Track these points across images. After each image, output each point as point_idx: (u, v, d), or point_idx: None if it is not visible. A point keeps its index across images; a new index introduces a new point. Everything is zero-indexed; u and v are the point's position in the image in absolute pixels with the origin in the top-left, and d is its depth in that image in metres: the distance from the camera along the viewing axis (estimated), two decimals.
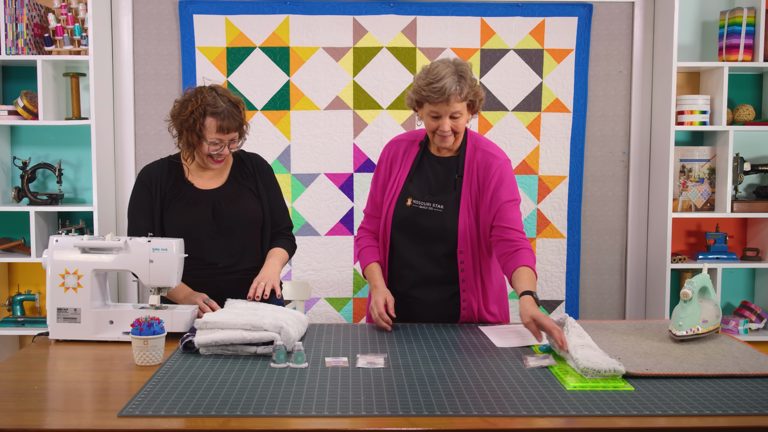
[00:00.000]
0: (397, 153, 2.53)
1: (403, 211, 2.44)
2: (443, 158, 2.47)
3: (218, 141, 2.38)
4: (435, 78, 2.28)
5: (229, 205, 2.47)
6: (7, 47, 3.44)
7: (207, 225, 2.44)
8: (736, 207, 3.64)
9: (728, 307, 3.88)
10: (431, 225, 2.40)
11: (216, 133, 2.36)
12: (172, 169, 2.51)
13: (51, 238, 2.18)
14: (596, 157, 3.83)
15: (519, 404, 1.62)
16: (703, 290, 2.20)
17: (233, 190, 2.51)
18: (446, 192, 2.43)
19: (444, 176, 2.45)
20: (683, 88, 3.83)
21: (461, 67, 2.31)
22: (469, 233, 2.39)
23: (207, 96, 2.37)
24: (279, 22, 3.71)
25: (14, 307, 3.67)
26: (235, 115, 2.38)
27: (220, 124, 2.35)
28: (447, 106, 2.29)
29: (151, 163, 2.57)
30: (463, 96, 2.29)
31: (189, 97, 2.39)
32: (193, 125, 2.36)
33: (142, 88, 3.74)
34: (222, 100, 2.37)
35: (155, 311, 2.16)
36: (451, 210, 2.40)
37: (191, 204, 2.45)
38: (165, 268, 2.15)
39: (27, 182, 3.58)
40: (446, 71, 2.28)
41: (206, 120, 2.35)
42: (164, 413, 1.55)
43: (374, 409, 1.59)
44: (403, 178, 2.48)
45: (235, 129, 2.40)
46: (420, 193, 2.44)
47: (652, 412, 1.58)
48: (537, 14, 3.73)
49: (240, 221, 2.48)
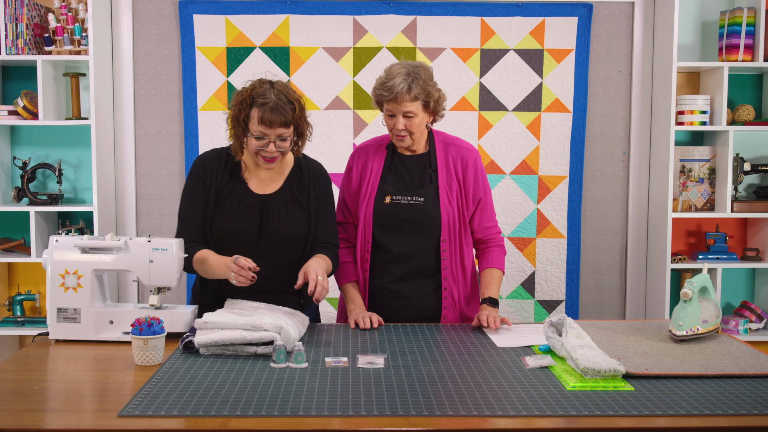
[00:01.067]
0: (366, 158, 2.56)
1: (383, 207, 2.47)
2: (414, 156, 2.53)
3: (262, 135, 2.23)
4: (387, 77, 2.39)
5: (277, 219, 2.33)
6: (7, 47, 3.44)
7: (251, 236, 2.32)
8: (736, 207, 3.64)
9: (728, 307, 3.88)
10: (414, 217, 2.45)
11: (259, 125, 2.22)
12: (229, 162, 2.38)
13: (51, 238, 2.18)
14: (596, 157, 3.83)
15: (519, 404, 1.62)
16: (703, 290, 2.20)
17: (284, 200, 2.37)
18: (423, 186, 2.48)
19: (418, 172, 2.51)
20: (683, 88, 3.83)
21: (416, 69, 2.38)
22: (450, 222, 2.46)
23: (259, 87, 2.25)
24: (279, 22, 3.71)
25: (14, 307, 3.67)
26: (284, 110, 2.22)
27: (262, 115, 2.20)
28: (398, 105, 2.38)
29: (207, 151, 2.44)
30: (412, 95, 2.36)
31: (242, 88, 2.29)
32: (239, 115, 2.24)
33: (142, 88, 3.74)
34: (274, 93, 2.23)
35: (155, 311, 2.16)
36: (432, 201, 2.46)
37: (241, 209, 2.33)
38: (165, 268, 2.15)
39: (27, 182, 3.58)
40: (399, 71, 2.37)
41: (252, 110, 2.23)
42: (164, 413, 1.55)
43: (374, 409, 1.59)
44: (376, 179, 2.51)
45: (280, 124, 2.22)
46: (397, 189, 2.49)
47: (652, 412, 1.58)
48: (537, 14, 3.73)
49: (284, 240, 2.35)
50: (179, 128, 3.76)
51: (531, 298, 3.84)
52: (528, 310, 3.83)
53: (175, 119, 3.76)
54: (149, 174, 3.78)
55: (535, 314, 3.84)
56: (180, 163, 3.77)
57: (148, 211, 3.79)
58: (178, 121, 3.76)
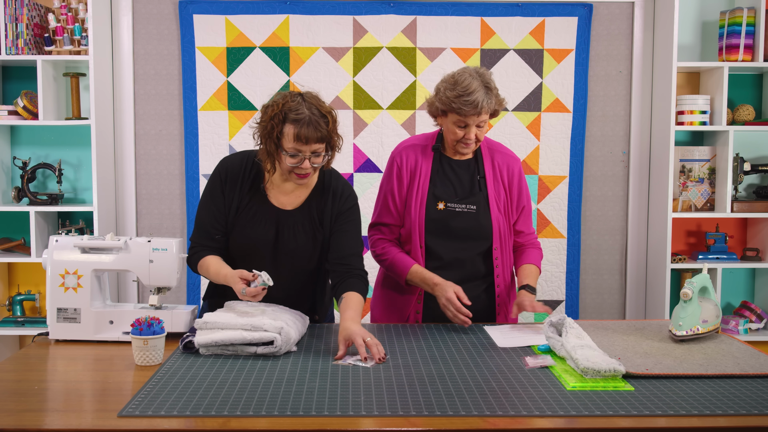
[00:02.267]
0: (416, 157, 2.49)
1: (435, 214, 2.44)
2: (462, 161, 2.50)
3: (296, 152, 2.13)
4: (465, 91, 2.29)
5: (290, 238, 2.26)
6: (7, 47, 3.44)
7: (266, 250, 2.27)
8: (736, 207, 3.64)
9: (728, 307, 3.88)
10: (467, 225, 2.44)
11: (294, 142, 2.11)
12: (253, 170, 2.28)
13: (51, 238, 2.18)
14: (596, 157, 3.83)
15: (519, 404, 1.62)
16: (703, 290, 2.20)
17: (301, 219, 2.28)
18: (473, 193, 2.46)
19: (467, 179, 2.48)
20: (683, 88, 3.83)
21: (486, 77, 2.35)
22: (501, 231, 2.47)
23: (290, 101, 2.13)
24: (279, 22, 3.71)
25: (14, 307, 3.67)
26: (319, 125, 2.12)
27: (298, 132, 2.10)
28: (477, 118, 2.33)
29: (233, 156, 2.33)
30: (491, 108, 2.35)
31: (273, 101, 2.17)
32: (271, 132, 2.13)
33: (142, 88, 3.74)
34: (306, 106, 2.13)
35: (155, 311, 2.16)
36: (483, 210, 2.45)
37: (258, 222, 2.26)
38: (165, 268, 2.15)
39: (27, 182, 3.58)
40: (476, 84, 2.30)
41: (285, 127, 2.12)
42: (164, 413, 1.55)
43: (374, 409, 1.59)
44: (425, 183, 2.46)
45: (316, 140, 2.12)
46: (448, 195, 2.45)
47: (652, 412, 1.58)
48: (537, 14, 3.73)
49: (296, 258, 2.28)
50: (179, 128, 3.76)
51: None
52: None
53: (175, 119, 3.76)
54: (149, 174, 3.78)
55: (535, 314, 3.83)
56: (180, 163, 3.77)
57: (148, 211, 3.79)
58: (178, 121, 3.76)
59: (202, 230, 2.30)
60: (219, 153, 3.73)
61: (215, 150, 3.74)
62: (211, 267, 2.23)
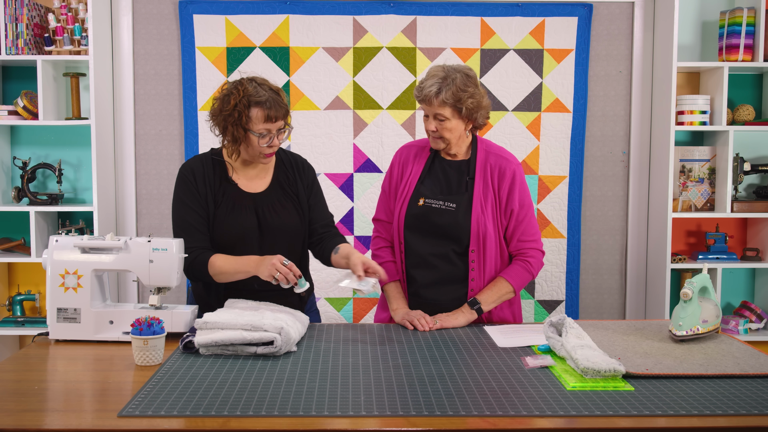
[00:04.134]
0: (408, 157, 2.56)
1: (416, 209, 2.46)
2: (455, 162, 2.50)
3: (266, 132, 2.26)
4: (424, 78, 2.40)
5: (273, 215, 2.37)
6: (7, 47, 3.44)
7: (252, 235, 2.35)
8: (736, 207, 3.64)
9: (728, 307, 3.88)
10: (444, 222, 2.42)
11: (264, 123, 2.25)
12: (215, 167, 2.39)
13: (51, 238, 2.18)
14: (596, 157, 3.83)
15: (519, 404, 1.62)
16: (703, 290, 2.20)
17: (276, 196, 2.40)
18: (458, 193, 2.46)
19: (456, 178, 2.48)
20: (683, 88, 3.83)
21: (453, 73, 2.36)
22: (481, 232, 2.42)
23: (248, 87, 2.26)
24: (279, 22, 3.71)
25: (14, 307, 3.67)
26: (280, 102, 2.27)
27: (267, 113, 2.24)
28: (429, 107, 2.38)
29: (191, 159, 2.43)
30: (440, 99, 2.33)
31: (229, 90, 2.28)
32: (238, 118, 2.24)
33: (142, 88, 3.74)
34: (263, 88, 2.27)
35: (155, 311, 2.16)
36: (464, 209, 2.42)
37: (237, 210, 2.35)
38: (165, 268, 2.15)
39: (27, 182, 3.58)
40: (436, 73, 2.37)
41: (251, 111, 2.24)
42: (164, 413, 1.55)
43: (374, 409, 1.59)
44: (414, 180, 2.50)
45: (281, 117, 2.28)
46: (432, 193, 2.47)
47: (652, 412, 1.58)
48: (537, 14, 3.73)
49: (284, 235, 2.38)
50: (179, 128, 3.76)
51: (531, 298, 3.84)
52: (528, 310, 3.83)
53: (175, 119, 3.76)
54: (149, 174, 3.78)
55: (535, 314, 3.84)
56: (180, 163, 3.76)
57: (148, 211, 3.79)
58: (178, 121, 3.76)
59: (193, 232, 2.33)
60: None
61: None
62: (225, 264, 2.27)
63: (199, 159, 2.41)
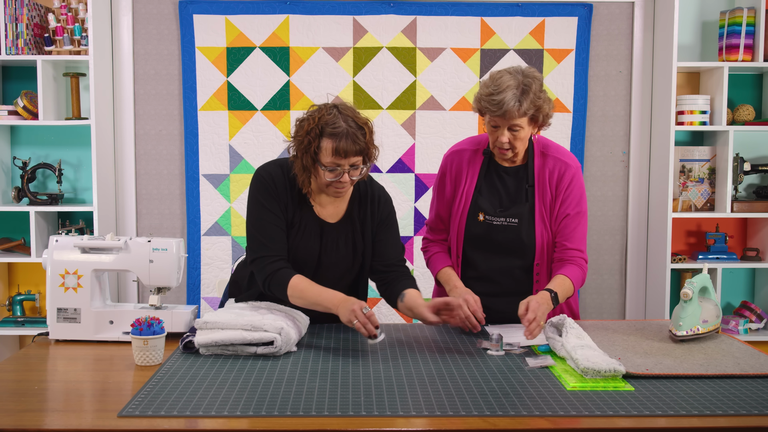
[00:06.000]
0: (461, 163, 2.40)
1: (476, 227, 2.35)
2: (511, 168, 2.37)
3: (335, 166, 2.08)
4: (496, 89, 2.18)
5: (334, 250, 2.24)
6: (7, 47, 3.44)
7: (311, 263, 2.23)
8: (736, 207, 3.64)
9: (728, 307, 3.88)
10: (507, 240, 2.32)
11: (332, 156, 2.06)
12: (293, 181, 2.21)
13: (51, 238, 2.18)
14: (596, 157, 3.83)
15: (519, 404, 1.62)
16: (703, 290, 2.20)
17: (345, 231, 2.25)
18: (518, 204, 2.34)
19: (514, 187, 2.36)
20: (683, 88, 3.83)
21: (527, 79, 2.19)
22: (545, 246, 2.33)
23: (326, 114, 2.08)
24: (279, 22, 3.71)
25: (14, 307, 3.67)
26: (357, 137, 2.07)
27: (336, 146, 2.05)
28: (504, 120, 2.20)
29: (269, 164, 2.26)
30: (521, 112, 2.17)
31: (308, 115, 2.12)
32: (308, 147, 2.08)
33: (142, 88, 3.74)
34: (343, 119, 2.08)
35: (155, 311, 2.16)
36: (527, 223, 2.32)
37: (306, 235, 2.22)
38: (165, 268, 2.15)
39: (27, 182, 3.58)
40: (510, 83, 2.17)
41: (323, 141, 2.07)
42: (164, 413, 1.55)
43: (374, 409, 1.59)
44: (470, 191, 2.37)
45: (355, 153, 2.07)
46: (491, 206, 2.35)
47: (652, 412, 1.58)
48: (537, 14, 3.73)
49: (336, 270, 2.26)
50: (179, 128, 3.76)
51: None
52: None
53: (175, 119, 3.76)
54: (149, 174, 3.78)
55: None
56: (180, 163, 3.77)
57: (148, 211, 3.79)
58: (178, 121, 3.76)
59: (275, 242, 2.18)
60: (219, 153, 3.74)
61: (215, 150, 3.74)
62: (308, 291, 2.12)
63: (279, 168, 2.23)
